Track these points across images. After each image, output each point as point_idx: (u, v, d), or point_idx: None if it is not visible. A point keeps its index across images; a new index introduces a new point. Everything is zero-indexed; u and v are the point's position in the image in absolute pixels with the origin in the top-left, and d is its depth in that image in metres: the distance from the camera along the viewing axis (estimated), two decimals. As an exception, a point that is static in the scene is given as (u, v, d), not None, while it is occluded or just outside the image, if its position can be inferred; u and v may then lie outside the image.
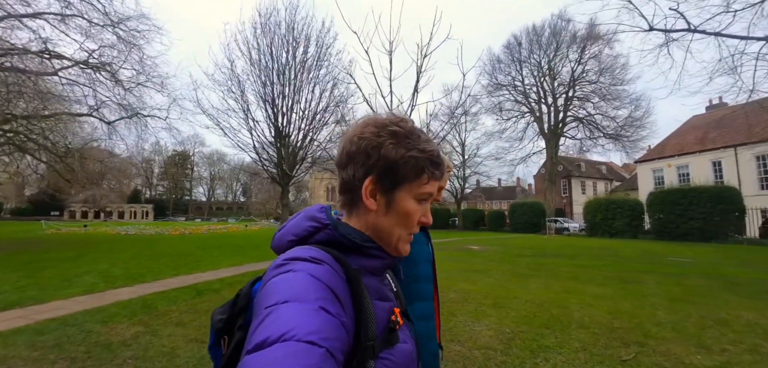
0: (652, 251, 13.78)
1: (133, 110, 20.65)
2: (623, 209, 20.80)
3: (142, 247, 14.90)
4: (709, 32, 12.86)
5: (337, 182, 0.71)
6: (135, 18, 18.99)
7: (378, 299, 0.64)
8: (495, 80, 38.28)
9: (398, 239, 0.69)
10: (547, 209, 34.14)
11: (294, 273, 0.53)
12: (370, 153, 0.65)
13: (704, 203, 17.00)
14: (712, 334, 3.90)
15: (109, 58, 18.60)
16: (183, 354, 3.65)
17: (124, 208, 57.82)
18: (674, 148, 26.81)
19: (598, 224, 22.04)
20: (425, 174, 0.67)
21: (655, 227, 19.06)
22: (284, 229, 0.69)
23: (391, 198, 0.67)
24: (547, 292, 6.11)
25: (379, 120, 0.69)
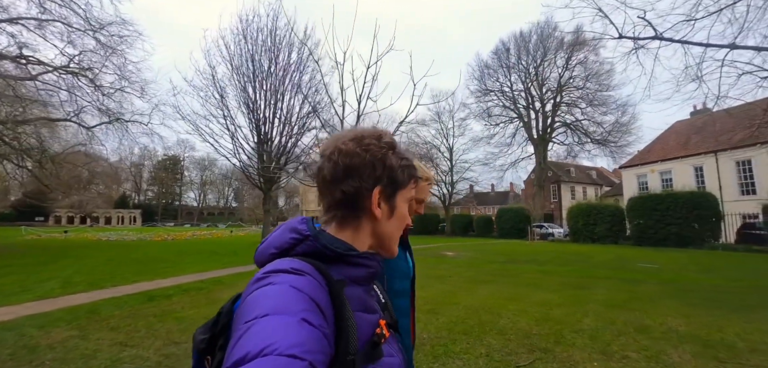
0: (626, 256, 13.99)
1: (114, 115, 20.72)
2: (604, 215, 21.05)
3: (116, 253, 14.92)
4: (675, 40, 13.14)
5: (326, 197, 0.71)
6: (117, 24, 19.09)
7: (362, 310, 0.64)
8: (484, 86, 38.68)
9: (395, 241, 0.73)
10: (536, 215, 34.42)
11: (274, 286, 0.52)
12: (376, 164, 0.68)
13: (680, 209, 17.27)
14: (623, 341, 4.05)
15: (89, 63, 18.67)
16: (102, 356, 3.77)
17: (112, 213, 57.50)
18: (657, 153, 27.18)
19: (581, 229, 22.27)
20: (413, 179, 0.74)
21: (634, 233, 19.31)
22: (266, 242, 0.69)
23: (393, 204, 0.71)
24: (490, 298, 6.26)
25: (372, 132, 0.72)
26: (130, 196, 72.77)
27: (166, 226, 61.47)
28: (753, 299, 6.27)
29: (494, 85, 38.27)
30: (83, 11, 17.32)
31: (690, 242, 16.89)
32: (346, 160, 0.68)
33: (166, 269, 10.35)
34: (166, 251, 15.91)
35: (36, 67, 17.34)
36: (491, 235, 32.41)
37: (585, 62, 33.33)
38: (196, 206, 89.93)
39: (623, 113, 33.29)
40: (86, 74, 18.41)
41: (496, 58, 38.04)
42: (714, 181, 23.92)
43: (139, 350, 3.96)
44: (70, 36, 17.69)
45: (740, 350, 3.81)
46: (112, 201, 57.26)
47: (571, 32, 24.13)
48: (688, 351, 3.71)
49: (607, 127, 33.63)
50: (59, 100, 18.16)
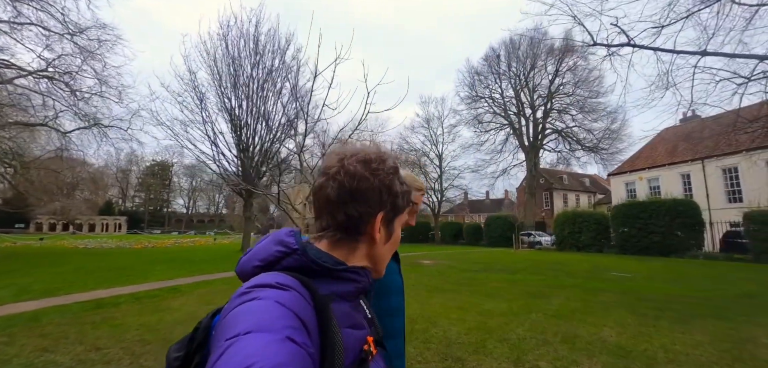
0: (603, 265, 14.11)
1: (93, 120, 20.77)
2: (589, 223, 21.20)
3: (88, 261, 14.90)
4: (646, 47, 13.40)
5: (324, 216, 0.70)
6: (96, 27, 19.19)
7: (349, 327, 0.63)
8: (474, 92, 38.98)
9: (386, 262, 0.75)
10: (527, 223, 34.56)
11: (258, 301, 0.51)
12: (383, 191, 0.68)
13: (663, 217, 17.43)
14: (542, 350, 4.13)
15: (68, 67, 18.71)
16: (17, 361, 3.89)
17: (96, 220, 57.19)
18: (645, 161, 27.45)
19: (566, 238, 22.40)
20: (409, 204, 0.75)
21: (618, 242, 19.45)
22: (250, 254, 0.68)
23: (391, 229, 0.72)
24: (438, 307, 6.35)
25: (379, 154, 0.71)
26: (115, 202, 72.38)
27: (152, 233, 61.16)
28: (703, 309, 6.37)
29: (484, 92, 38.61)
30: (61, 16, 17.41)
31: (673, 250, 17.03)
32: (353, 183, 0.67)
33: (131, 277, 10.37)
34: (139, 260, 15.89)
35: (8, 71, 17.39)
36: (480, 243, 32.52)
37: (574, 69, 33.70)
38: (186, 213, 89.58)
39: (613, 120, 33.63)
40: (64, 79, 18.48)
41: (487, 64, 38.41)
42: (701, 189, 24.17)
43: (57, 355, 4.02)
44: (48, 40, 17.77)
45: (658, 361, 3.90)
46: (97, 208, 56.94)
47: (558, 38, 24.46)
48: (601, 362, 3.79)
49: (597, 134, 33.93)
50: (32, 104, 18.16)
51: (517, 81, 37.33)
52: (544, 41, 34.63)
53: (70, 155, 23.80)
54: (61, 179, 29.75)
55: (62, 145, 20.96)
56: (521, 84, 37.11)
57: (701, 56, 10.85)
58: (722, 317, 5.76)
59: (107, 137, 21.28)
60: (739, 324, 5.34)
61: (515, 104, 37.81)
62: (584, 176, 48.34)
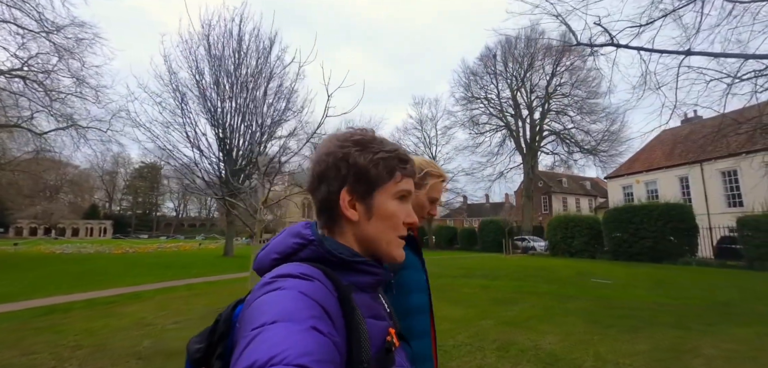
0: (587, 271, 14.19)
1: (70, 121, 20.89)
2: (582, 228, 21.25)
3: (60, 266, 15.02)
4: (630, 46, 13.52)
5: (314, 207, 0.74)
6: (74, 25, 19.32)
7: (371, 317, 0.64)
8: (470, 93, 39.10)
9: (388, 243, 0.71)
10: (525, 227, 34.65)
11: (283, 291, 0.53)
12: (340, 165, 0.69)
13: (655, 222, 17.48)
14: (471, 358, 4.23)
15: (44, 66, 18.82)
16: None
17: (80, 224, 57.23)
18: (643, 163, 27.55)
19: (559, 243, 22.45)
20: (397, 172, 0.72)
21: (610, 247, 19.49)
22: (268, 247, 0.70)
23: (371, 203, 0.70)
24: None
25: (340, 135, 0.73)
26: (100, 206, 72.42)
27: (139, 238, 61.19)
28: (666, 317, 6.45)
29: (480, 93, 38.73)
30: (37, 14, 17.52)
31: (665, 256, 17.07)
32: (316, 167, 0.72)
33: (96, 283, 10.49)
34: (113, 265, 15.99)
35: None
36: (474, 248, 32.59)
37: (571, 69, 33.84)
38: (176, 216, 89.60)
39: (613, 122, 33.72)
40: (38, 78, 18.58)
41: (483, 64, 38.55)
42: (700, 192, 24.27)
43: (-20, 361, 4.13)
44: (23, 39, 17.87)
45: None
46: (81, 212, 56.96)
47: (554, 38, 24.59)
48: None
49: (595, 135, 34.06)
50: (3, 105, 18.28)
51: (513, 81, 37.46)
52: (540, 40, 34.98)
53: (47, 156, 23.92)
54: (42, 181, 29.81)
55: (38, 146, 21.05)
56: (518, 84, 37.26)
57: (685, 56, 10.97)
58: (680, 325, 5.85)
59: (86, 138, 21.37)
60: (692, 333, 5.43)
61: (512, 105, 37.94)
62: (585, 178, 48.43)
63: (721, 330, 5.61)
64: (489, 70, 38.53)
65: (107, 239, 44.45)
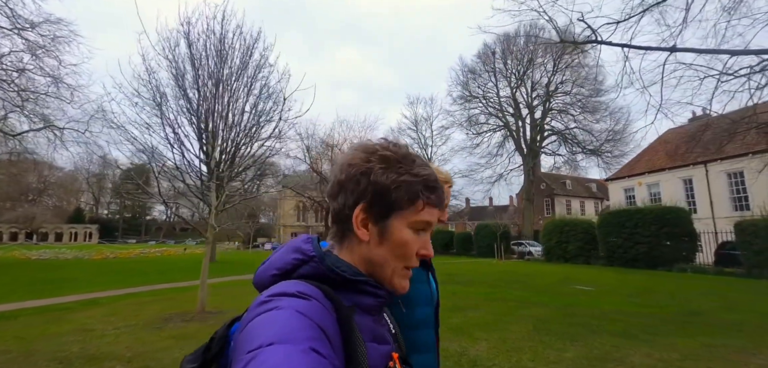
0: (572, 277, 14.35)
1: (46, 122, 21.25)
2: (577, 232, 21.37)
3: (24, 273, 15.36)
4: (614, 43, 13.68)
5: (331, 211, 0.74)
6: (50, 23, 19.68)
7: (373, 341, 0.64)
8: (467, 92, 39.23)
9: (393, 272, 0.69)
10: (524, 231, 34.72)
11: (279, 311, 0.52)
12: (360, 180, 0.67)
13: (649, 226, 17.57)
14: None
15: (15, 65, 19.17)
16: None
17: (64, 229, 57.73)
18: (645, 165, 27.58)
19: (554, 248, 22.58)
20: (420, 200, 0.68)
21: (605, 252, 19.57)
22: (268, 262, 0.70)
23: (385, 227, 0.68)
24: None
25: (369, 145, 0.72)
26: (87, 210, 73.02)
27: (127, 243, 61.75)
28: (619, 326, 6.59)
29: (478, 92, 38.86)
30: (9, 10, 17.87)
31: (660, 262, 17.15)
32: (337, 175, 0.71)
33: (59, 290, 10.80)
34: (86, 271, 16.31)
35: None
36: (470, 253, 32.73)
37: (572, 65, 33.86)
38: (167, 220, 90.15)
39: (617, 122, 33.69)
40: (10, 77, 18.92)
41: (481, 62, 38.67)
42: (704, 195, 24.27)
43: None
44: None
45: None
46: (66, 215, 57.51)
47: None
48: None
49: (597, 135, 34.08)
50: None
51: (513, 79, 37.57)
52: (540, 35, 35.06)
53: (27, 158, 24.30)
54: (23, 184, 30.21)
55: (12, 148, 21.40)
56: (517, 82, 37.36)
57: (670, 53, 11.10)
58: (627, 335, 6.00)
59: (62, 140, 21.69)
60: (633, 342, 5.57)
61: (512, 104, 38.03)
62: (591, 180, 48.38)
63: (667, 339, 5.76)
64: (488, 68, 38.65)
65: (92, 245, 44.94)
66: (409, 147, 0.75)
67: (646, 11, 11.08)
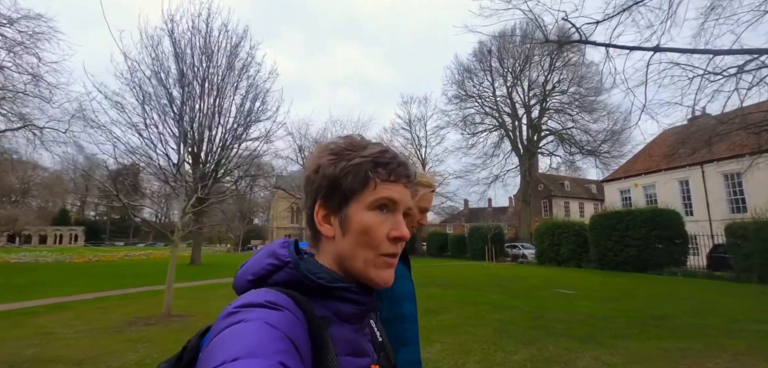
0: (556, 280, 14.58)
1: (25, 121, 21.44)
2: (569, 235, 21.59)
3: (2, 277, 15.51)
4: (598, 43, 13.92)
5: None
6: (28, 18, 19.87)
7: (349, 354, 0.63)
8: (463, 91, 39.49)
9: (365, 263, 0.67)
10: (521, 233, 34.98)
11: (246, 324, 0.51)
12: (313, 177, 0.69)
13: (640, 228, 17.79)
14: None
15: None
16: None
17: (48, 231, 57.85)
18: (641, 166, 27.84)
19: (546, 251, 22.82)
20: (371, 180, 0.67)
21: (596, 255, 19.78)
22: (244, 267, 0.69)
23: (344, 216, 0.67)
24: None
25: (321, 144, 0.73)
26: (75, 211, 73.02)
27: (115, 245, 61.90)
28: (580, 330, 6.79)
29: (474, 91, 39.12)
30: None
31: (650, 265, 17.36)
32: (302, 182, 0.73)
33: (31, 293, 11.02)
34: (62, 274, 16.50)
35: None
36: (465, 255, 32.97)
37: (568, 64, 34.11)
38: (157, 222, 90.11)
39: (615, 122, 33.92)
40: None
41: (477, 60, 38.91)
42: (701, 197, 24.51)
43: None
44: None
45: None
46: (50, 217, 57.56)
47: (556, 29, 24.80)
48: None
49: (594, 135, 34.35)
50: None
51: (510, 77, 37.83)
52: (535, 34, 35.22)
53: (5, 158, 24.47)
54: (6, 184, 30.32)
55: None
56: (514, 80, 37.61)
57: (654, 52, 11.31)
58: (588, 338, 6.19)
59: (41, 140, 21.87)
60: (588, 345, 5.76)
61: (508, 103, 38.30)
62: (590, 181, 48.63)
63: (625, 343, 5.96)
64: (484, 67, 38.90)
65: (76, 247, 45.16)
66: (362, 137, 0.74)
67: (625, 10, 11.30)
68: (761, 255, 13.90)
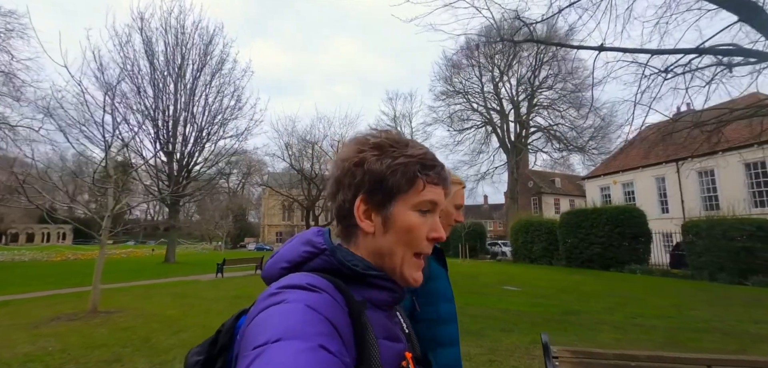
0: (510, 277, 15.05)
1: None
2: (541, 233, 22.02)
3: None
4: (550, 42, 14.37)
5: (333, 211, 0.75)
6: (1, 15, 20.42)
7: (386, 338, 0.65)
8: (451, 87, 39.72)
9: (402, 261, 0.70)
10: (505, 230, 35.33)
11: (288, 304, 0.53)
12: (355, 171, 0.69)
13: (603, 226, 18.20)
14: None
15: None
16: None
17: (35, 229, 58.63)
18: (621, 163, 28.15)
19: (520, 248, 23.28)
20: (419, 180, 0.70)
21: (564, 253, 20.20)
22: (277, 255, 0.72)
23: (388, 214, 0.69)
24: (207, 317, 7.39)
25: (360, 137, 0.74)
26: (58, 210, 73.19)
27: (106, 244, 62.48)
28: (476, 325, 7.27)
29: (461, 87, 39.36)
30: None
31: (613, 263, 17.76)
32: (334, 172, 0.73)
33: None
34: (28, 272, 17.15)
35: None
36: (448, 254, 33.42)
37: (555, 59, 34.30)
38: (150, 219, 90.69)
39: (603, 119, 34.02)
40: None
41: (464, 56, 39.10)
42: (676, 194, 24.83)
43: None
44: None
45: None
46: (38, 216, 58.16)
47: (543, 26, 25.08)
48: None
49: (580, 131, 34.57)
50: None
51: (497, 72, 38.01)
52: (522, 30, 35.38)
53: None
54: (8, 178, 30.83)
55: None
56: (501, 75, 37.80)
57: (599, 51, 11.69)
58: (478, 333, 6.70)
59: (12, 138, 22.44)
60: (469, 338, 6.26)
61: (496, 99, 38.53)
62: (581, 178, 48.81)
63: (507, 337, 6.42)
64: (472, 62, 39.08)
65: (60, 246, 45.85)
66: (400, 133, 0.77)
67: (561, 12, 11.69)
68: (711, 253, 14.29)
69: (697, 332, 6.80)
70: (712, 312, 8.51)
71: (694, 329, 7.02)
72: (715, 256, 14.18)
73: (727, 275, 13.60)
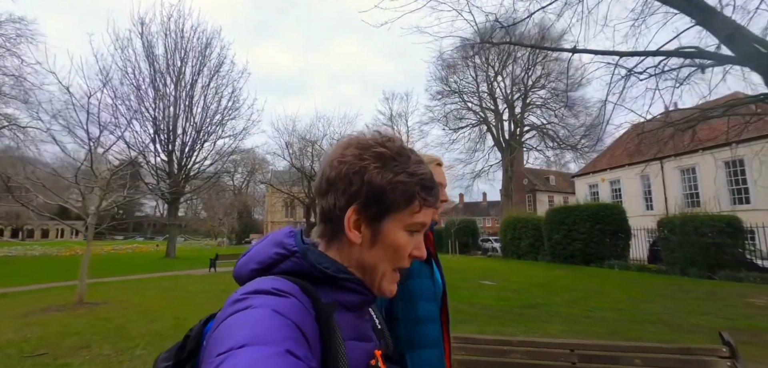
0: (491, 273, 15.25)
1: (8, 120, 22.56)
2: (528, 229, 22.17)
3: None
4: (523, 44, 14.53)
5: (318, 208, 0.72)
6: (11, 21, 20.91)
7: (354, 339, 0.64)
8: (446, 87, 39.84)
9: (383, 276, 0.69)
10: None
11: (254, 310, 0.51)
12: (352, 179, 0.65)
13: (585, 223, 18.33)
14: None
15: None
16: None
17: (49, 226, 59.68)
18: (608, 160, 28.23)
19: (508, 244, 23.44)
20: (417, 201, 0.68)
21: (549, 249, 20.33)
22: (247, 255, 0.69)
23: (378, 230, 0.67)
24: (185, 309, 7.69)
25: (362, 141, 0.70)
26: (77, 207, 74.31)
27: (115, 239, 63.44)
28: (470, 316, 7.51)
29: (456, 86, 39.49)
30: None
31: (594, 259, 17.88)
32: (327, 171, 0.69)
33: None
34: (35, 266, 17.61)
35: None
36: (442, 250, 33.63)
37: (548, 60, 34.33)
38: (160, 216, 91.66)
39: (594, 117, 34.01)
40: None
41: (459, 55, 39.16)
42: (660, 191, 24.89)
43: None
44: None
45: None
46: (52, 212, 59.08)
47: (536, 26, 25.25)
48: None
49: (572, 130, 34.60)
50: None
51: (492, 72, 38.09)
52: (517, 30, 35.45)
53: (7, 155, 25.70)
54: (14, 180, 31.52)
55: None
56: (496, 75, 37.88)
57: (572, 53, 11.85)
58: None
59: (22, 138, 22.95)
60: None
61: (490, 98, 38.63)
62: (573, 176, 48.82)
63: (458, 328, 6.67)
64: (467, 63, 39.16)
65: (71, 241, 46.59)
66: (402, 141, 0.74)
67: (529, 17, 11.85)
68: (684, 249, 14.41)
69: (641, 324, 7.00)
70: (665, 306, 8.68)
71: (640, 321, 7.22)
72: (687, 251, 14.30)
73: (697, 269, 13.72)
